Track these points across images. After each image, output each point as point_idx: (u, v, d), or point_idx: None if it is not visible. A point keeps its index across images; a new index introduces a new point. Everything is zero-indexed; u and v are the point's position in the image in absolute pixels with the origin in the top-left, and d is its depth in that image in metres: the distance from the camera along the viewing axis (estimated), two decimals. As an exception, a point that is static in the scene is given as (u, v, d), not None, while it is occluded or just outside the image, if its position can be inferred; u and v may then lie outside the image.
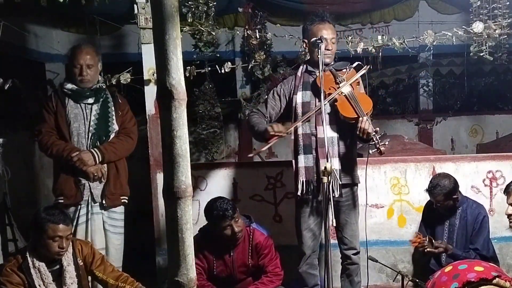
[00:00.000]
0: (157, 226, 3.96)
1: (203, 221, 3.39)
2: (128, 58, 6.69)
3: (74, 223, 3.29)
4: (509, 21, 4.54)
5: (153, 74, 3.77)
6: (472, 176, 4.00)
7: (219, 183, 4.02)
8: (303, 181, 3.16)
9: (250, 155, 3.22)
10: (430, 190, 3.50)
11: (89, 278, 3.01)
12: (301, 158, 3.17)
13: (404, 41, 4.57)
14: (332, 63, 3.27)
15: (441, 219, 3.62)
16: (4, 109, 5.48)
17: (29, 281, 2.74)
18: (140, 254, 4.27)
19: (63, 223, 2.76)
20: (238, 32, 6.35)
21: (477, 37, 4.55)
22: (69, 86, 3.43)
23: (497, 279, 2.64)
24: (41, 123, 3.45)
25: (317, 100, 3.14)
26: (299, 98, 3.20)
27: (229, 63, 4.73)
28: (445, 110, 8.59)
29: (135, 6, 3.77)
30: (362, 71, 3.21)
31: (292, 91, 3.25)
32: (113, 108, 3.50)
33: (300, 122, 3.15)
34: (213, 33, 4.96)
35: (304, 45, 3.30)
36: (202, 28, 4.76)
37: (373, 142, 2.96)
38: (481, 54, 4.63)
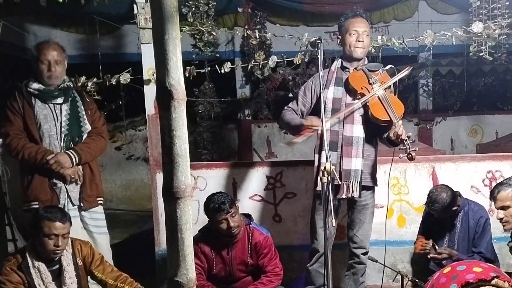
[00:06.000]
0: (157, 226, 3.95)
1: (202, 221, 3.40)
2: (128, 58, 6.71)
3: None
4: (508, 21, 4.55)
5: (153, 74, 3.77)
6: (471, 176, 4.00)
7: (219, 183, 4.02)
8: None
9: (281, 144, 3.21)
10: (428, 205, 3.50)
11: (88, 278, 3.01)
12: (325, 154, 3.13)
13: (403, 41, 4.57)
14: (365, 59, 3.26)
15: (442, 222, 3.62)
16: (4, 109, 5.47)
17: (29, 280, 2.74)
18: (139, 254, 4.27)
19: (59, 221, 2.74)
20: (237, 32, 6.36)
21: (476, 37, 4.56)
22: (36, 85, 3.24)
23: (495, 279, 2.64)
24: (7, 125, 3.24)
25: (348, 97, 3.15)
26: (330, 93, 3.17)
27: (229, 63, 4.73)
28: (445, 110, 8.60)
29: (134, 6, 3.76)
30: (401, 75, 3.19)
31: (324, 85, 3.19)
32: (82, 107, 3.36)
33: (334, 118, 3.11)
34: (214, 33, 4.96)
35: (338, 41, 3.29)
36: (202, 28, 4.76)
37: (404, 147, 2.92)
38: (481, 54, 4.63)
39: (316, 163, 3.18)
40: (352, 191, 3.11)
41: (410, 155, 2.90)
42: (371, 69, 3.19)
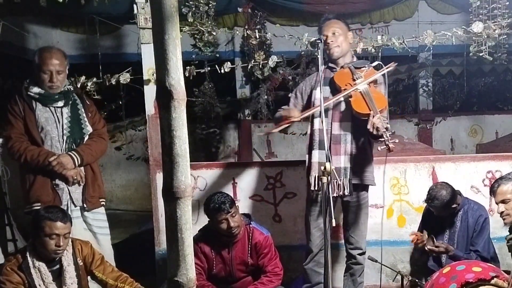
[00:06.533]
0: (157, 226, 3.96)
1: (202, 221, 3.40)
2: (128, 58, 6.71)
3: None
4: (508, 21, 4.55)
5: (153, 74, 3.77)
6: (471, 176, 4.00)
7: (219, 183, 4.02)
8: (315, 176, 3.17)
9: (260, 133, 3.33)
10: (428, 202, 3.50)
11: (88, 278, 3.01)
12: (315, 153, 3.19)
13: (403, 41, 4.57)
14: (353, 58, 3.31)
15: (441, 221, 3.62)
16: (4, 109, 5.48)
17: (29, 280, 2.74)
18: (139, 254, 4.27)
19: (60, 220, 2.75)
20: (237, 32, 6.36)
21: (476, 37, 4.56)
22: (36, 90, 3.26)
23: (495, 279, 2.64)
24: (9, 128, 3.26)
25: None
26: (318, 93, 3.22)
27: (229, 63, 4.72)
28: (445, 110, 8.61)
29: (134, 6, 3.76)
30: (382, 71, 3.21)
31: (313, 86, 3.30)
32: (83, 110, 3.39)
33: (311, 111, 3.17)
34: (214, 33, 4.96)
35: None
36: (202, 28, 4.76)
37: (383, 139, 2.95)
38: (481, 54, 4.63)
39: (307, 164, 3.26)
40: (344, 189, 3.13)
41: (388, 146, 2.91)
42: (357, 66, 3.24)
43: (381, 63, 3.29)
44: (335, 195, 3.14)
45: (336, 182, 3.12)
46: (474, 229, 3.54)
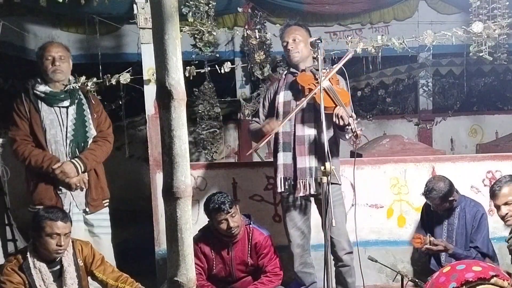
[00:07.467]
0: (157, 226, 3.96)
1: (202, 221, 3.40)
2: (128, 58, 6.70)
3: None
4: (508, 21, 4.54)
5: (153, 74, 3.78)
6: (471, 176, 4.00)
7: (218, 183, 4.03)
8: (281, 178, 3.26)
9: (248, 153, 3.42)
10: (425, 194, 3.51)
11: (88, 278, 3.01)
12: (280, 155, 3.27)
13: (403, 41, 4.56)
14: (314, 62, 3.36)
15: (439, 219, 3.63)
16: (4, 109, 5.48)
17: (30, 281, 2.74)
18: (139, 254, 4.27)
19: (61, 220, 2.76)
20: (237, 32, 6.35)
21: (476, 37, 4.54)
22: (42, 88, 3.25)
23: (495, 278, 2.64)
24: (14, 130, 3.25)
25: (297, 99, 3.27)
26: (281, 97, 3.34)
27: (229, 63, 4.72)
28: (445, 110, 8.61)
29: (134, 6, 3.77)
30: (341, 62, 3.25)
31: (277, 92, 3.39)
32: (88, 111, 3.37)
33: (289, 117, 3.22)
34: (214, 33, 4.95)
35: (284, 49, 3.43)
36: (203, 28, 4.75)
37: (349, 127, 2.99)
38: (481, 54, 4.62)
39: (274, 166, 3.32)
40: (310, 188, 3.18)
41: (356, 133, 2.97)
42: (317, 68, 3.26)
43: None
44: (302, 194, 3.22)
45: (302, 181, 3.18)
46: (472, 226, 3.55)
